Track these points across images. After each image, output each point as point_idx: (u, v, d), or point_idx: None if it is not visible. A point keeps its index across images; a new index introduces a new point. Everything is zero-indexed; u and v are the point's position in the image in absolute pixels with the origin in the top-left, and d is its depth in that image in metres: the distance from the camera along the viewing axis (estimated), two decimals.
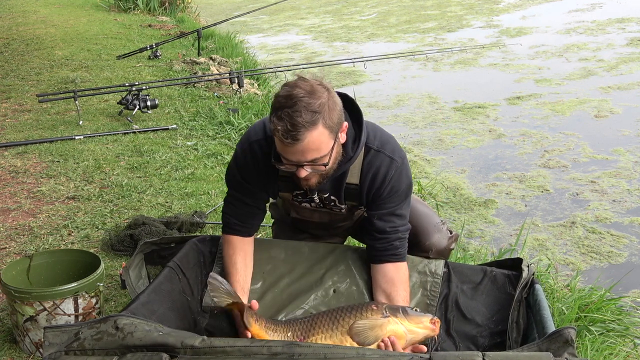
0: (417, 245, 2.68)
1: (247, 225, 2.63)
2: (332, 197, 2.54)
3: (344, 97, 2.36)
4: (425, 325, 2.28)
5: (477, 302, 2.56)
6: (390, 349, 2.23)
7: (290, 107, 2.13)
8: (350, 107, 2.41)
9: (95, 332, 2.01)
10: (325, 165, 2.26)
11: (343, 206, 2.57)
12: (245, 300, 2.51)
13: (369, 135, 2.45)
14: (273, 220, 3.07)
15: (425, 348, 2.29)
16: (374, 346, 2.24)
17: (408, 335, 2.27)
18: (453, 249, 2.80)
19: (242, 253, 2.62)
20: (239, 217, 2.62)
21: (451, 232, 2.77)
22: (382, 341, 2.25)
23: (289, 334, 2.33)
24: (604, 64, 9.05)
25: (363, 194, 2.50)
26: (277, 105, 2.18)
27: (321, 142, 2.19)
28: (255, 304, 2.49)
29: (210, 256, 2.74)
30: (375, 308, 2.30)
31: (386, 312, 2.29)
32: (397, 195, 2.49)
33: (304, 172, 2.25)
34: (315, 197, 2.55)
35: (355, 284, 2.62)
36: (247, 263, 2.62)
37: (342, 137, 2.32)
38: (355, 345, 2.26)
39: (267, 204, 2.78)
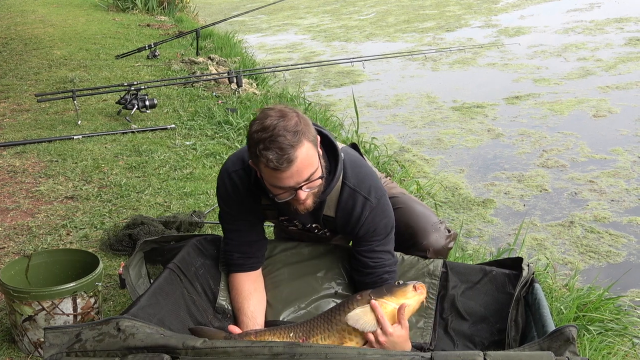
0: (415, 245, 2.68)
1: (249, 255, 2.61)
2: (314, 225, 2.56)
3: (319, 132, 2.36)
4: (412, 294, 2.28)
5: (475, 302, 2.56)
6: (390, 327, 2.24)
7: (270, 135, 2.12)
8: (327, 141, 2.40)
9: (97, 333, 2.01)
10: (321, 177, 2.25)
11: (326, 230, 2.59)
12: None
13: (346, 171, 2.43)
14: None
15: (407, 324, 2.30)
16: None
17: (404, 310, 2.29)
18: (451, 248, 2.80)
19: (247, 294, 2.58)
20: (238, 248, 2.60)
21: (449, 231, 2.76)
22: (380, 322, 2.24)
23: (291, 334, 2.32)
24: (603, 64, 9.06)
25: (339, 228, 2.51)
26: (256, 139, 2.15)
27: (311, 157, 2.19)
28: (233, 328, 2.43)
29: (210, 256, 2.73)
30: (360, 298, 2.30)
31: (371, 297, 2.29)
32: (375, 234, 2.47)
33: (303, 194, 2.23)
34: (298, 223, 2.57)
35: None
36: (254, 303, 2.57)
37: (320, 152, 2.30)
38: (354, 340, 2.27)
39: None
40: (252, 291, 2.59)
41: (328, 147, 2.41)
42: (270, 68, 7.90)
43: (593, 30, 11.23)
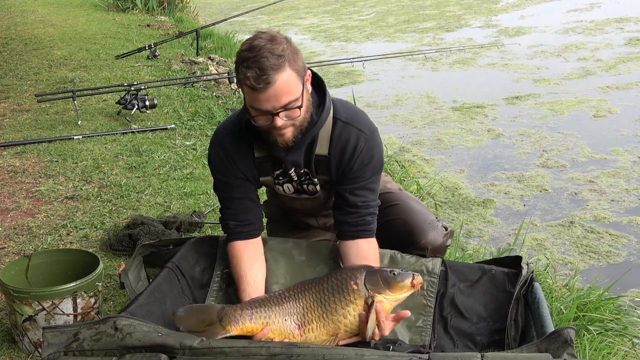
0: (413, 244, 2.68)
1: (246, 223, 2.60)
2: (306, 170, 2.55)
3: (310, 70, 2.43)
4: (408, 289, 2.30)
5: (474, 300, 2.56)
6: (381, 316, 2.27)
7: (255, 55, 2.18)
8: (313, 78, 2.46)
9: (94, 332, 2.02)
10: (299, 107, 2.27)
11: (316, 180, 2.57)
12: None
13: (337, 108, 2.50)
14: (267, 220, 3.05)
15: (409, 313, 2.31)
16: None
17: (394, 304, 2.32)
18: (449, 245, 2.79)
19: (248, 262, 2.55)
20: (235, 216, 2.60)
21: (446, 229, 2.75)
22: (380, 326, 2.26)
23: (285, 318, 2.31)
24: (603, 64, 9.06)
25: (332, 167, 2.51)
26: (241, 57, 2.22)
27: (291, 85, 2.23)
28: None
29: (209, 256, 2.73)
30: (355, 287, 2.29)
31: (368, 291, 2.28)
32: (368, 168, 2.50)
33: (280, 121, 2.27)
34: (293, 173, 2.56)
35: None
36: (255, 271, 2.55)
37: (308, 87, 2.37)
38: (349, 330, 2.30)
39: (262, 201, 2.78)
40: (252, 258, 2.57)
41: (316, 84, 2.48)
42: None
43: (593, 31, 11.23)
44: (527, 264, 2.51)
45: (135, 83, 6.25)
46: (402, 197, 2.79)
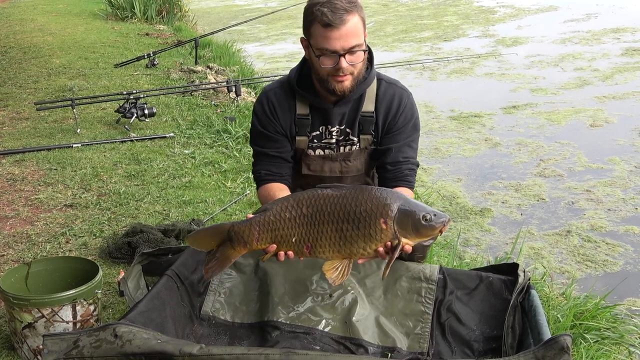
0: None
1: (275, 172, 2.75)
2: (347, 130, 2.73)
3: None
4: (434, 235, 2.25)
5: (472, 307, 2.57)
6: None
7: (328, 0, 2.44)
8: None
9: (94, 339, 2.03)
10: (364, 51, 2.50)
11: (356, 139, 2.72)
12: None
13: (380, 74, 2.74)
14: None
15: (410, 249, 2.28)
16: None
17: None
18: (428, 246, 2.78)
19: (279, 192, 2.66)
20: (267, 167, 2.75)
21: None
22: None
23: (293, 239, 2.26)
24: (599, 74, 9.10)
25: (379, 124, 2.70)
26: (314, 2, 2.47)
27: (358, 29, 2.47)
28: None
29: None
30: (384, 227, 2.19)
31: (397, 231, 2.19)
32: (411, 125, 2.71)
33: (345, 62, 2.47)
34: (335, 130, 2.70)
35: (353, 288, 2.63)
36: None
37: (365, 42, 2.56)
38: (361, 258, 2.25)
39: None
40: (283, 191, 2.70)
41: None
42: (268, 77, 7.92)
43: (590, 41, 11.28)
44: (524, 272, 2.53)
45: (134, 92, 6.27)
46: None
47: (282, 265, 2.68)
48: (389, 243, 2.21)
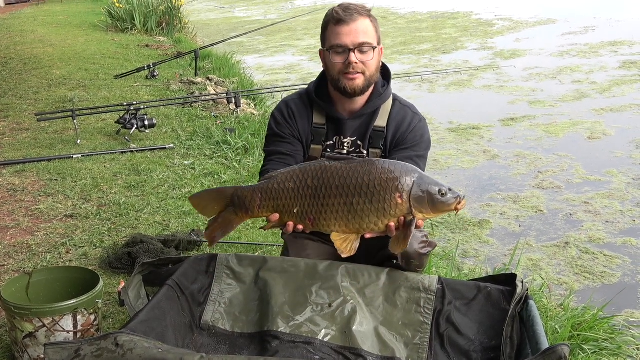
0: (384, 246, 2.54)
1: None
2: (359, 142, 2.80)
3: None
4: (449, 211, 2.23)
5: (470, 318, 2.58)
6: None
7: (345, 5, 2.65)
8: (384, 68, 2.84)
9: (95, 348, 2.04)
10: (373, 49, 2.62)
11: (365, 152, 2.78)
12: None
13: (397, 95, 2.87)
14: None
15: (422, 224, 2.34)
16: None
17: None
18: (426, 254, 2.74)
19: None
20: (276, 168, 2.71)
21: (426, 238, 2.74)
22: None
23: (295, 210, 2.22)
24: (597, 87, 9.15)
25: (388, 138, 2.78)
26: (331, 9, 2.68)
27: (369, 30, 2.63)
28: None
29: (209, 275, 2.76)
30: (400, 202, 2.15)
31: (412, 206, 2.15)
32: (418, 144, 2.78)
33: (354, 57, 2.60)
34: (347, 141, 2.78)
35: (352, 298, 2.65)
36: None
37: (380, 57, 2.71)
38: (372, 232, 2.24)
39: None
40: None
41: (383, 72, 2.82)
42: (268, 89, 7.98)
43: (588, 54, 11.34)
44: (522, 282, 2.55)
45: (135, 103, 6.30)
46: None
47: (282, 275, 2.70)
48: (402, 218, 2.19)
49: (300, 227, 2.29)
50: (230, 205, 2.28)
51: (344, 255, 2.25)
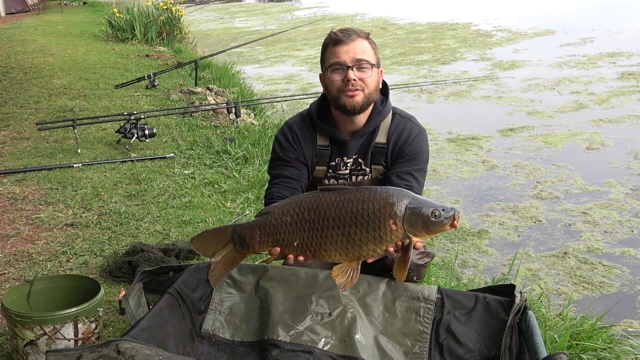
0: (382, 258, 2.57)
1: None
2: (360, 160, 2.83)
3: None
4: (444, 230, 2.25)
5: (470, 328, 2.59)
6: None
7: (343, 28, 2.70)
8: (384, 85, 2.85)
9: (97, 355, 2.05)
10: (371, 66, 2.64)
11: (368, 170, 2.81)
12: None
13: (396, 108, 2.88)
14: None
15: (421, 245, 2.36)
16: None
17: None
18: (424, 265, 2.78)
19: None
20: (281, 191, 2.78)
21: (424, 249, 2.78)
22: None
23: (295, 243, 2.25)
24: (596, 97, 9.18)
25: (388, 153, 2.80)
26: (330, 32, 2.72)
27: (367, 50, 2.66)
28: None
29: (209, 283, 2.77)
30: (394, 228, 2.18)
31: (407, 230, 2.18)
32: (417, 157, 2.80)
33: (352, 74, 2.62)
34: (350, 161, 2.82)
35: (352, 307, 2.66)
36: None
37: (380, 77, 2.74)
38: (371, 258, 2.25)
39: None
40: None
41: (382, 86, 2.83)
42: (268, 99, 8.01)
43: (586, 65, 11.39)
44: (521, 292, 2.56)
45: (135, 112, 6.33)
46: None
47: (282, 284, 2.71)
48: (399, 242, 2.23)
49: (302, 258, 2.31)
50: (230, 243, 2.30)
51: (345, 289, 2.28)
